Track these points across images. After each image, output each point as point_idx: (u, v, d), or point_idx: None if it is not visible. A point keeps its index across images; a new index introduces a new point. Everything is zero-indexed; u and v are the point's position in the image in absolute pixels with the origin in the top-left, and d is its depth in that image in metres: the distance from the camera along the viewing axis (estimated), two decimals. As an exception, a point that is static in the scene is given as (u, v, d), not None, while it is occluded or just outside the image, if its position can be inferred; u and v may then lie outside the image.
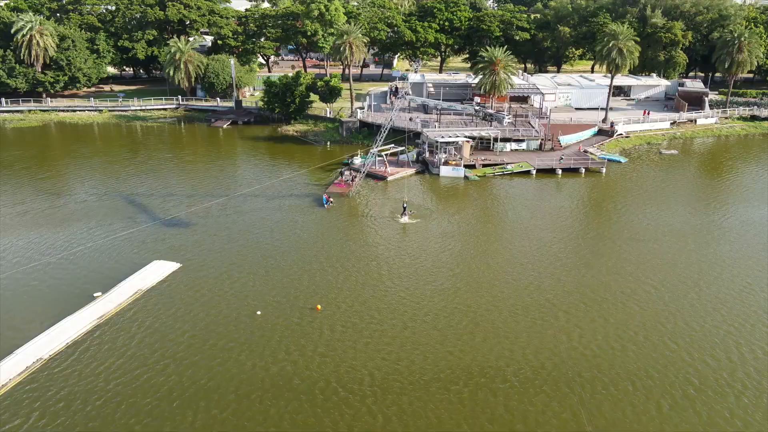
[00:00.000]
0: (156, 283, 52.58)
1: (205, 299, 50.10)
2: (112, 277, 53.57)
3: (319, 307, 49.13)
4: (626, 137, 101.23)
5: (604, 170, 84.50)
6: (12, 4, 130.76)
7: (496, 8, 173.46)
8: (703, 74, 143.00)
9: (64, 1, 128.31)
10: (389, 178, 79.95)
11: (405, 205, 67.01)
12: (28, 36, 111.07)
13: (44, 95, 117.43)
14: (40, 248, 59.16)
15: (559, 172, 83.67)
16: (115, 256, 57.61)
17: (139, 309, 48.64)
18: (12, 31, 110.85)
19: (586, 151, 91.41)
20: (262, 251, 58.87)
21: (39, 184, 77.86)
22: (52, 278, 53.36)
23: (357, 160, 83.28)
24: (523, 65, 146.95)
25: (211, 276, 54.01)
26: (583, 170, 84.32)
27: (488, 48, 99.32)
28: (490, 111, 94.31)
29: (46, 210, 68.95)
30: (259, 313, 48.30)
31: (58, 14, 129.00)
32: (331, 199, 70.80)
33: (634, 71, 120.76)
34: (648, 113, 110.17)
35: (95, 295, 50.52)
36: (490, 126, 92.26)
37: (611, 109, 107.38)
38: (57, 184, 78.34)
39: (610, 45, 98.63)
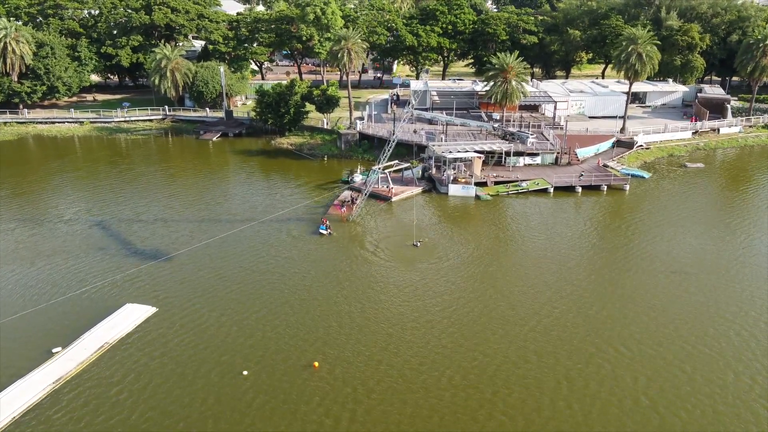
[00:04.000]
0: (126, 333, 45.03)
1: (182, 357, 42.50)
2: (77, 323, 46.19)
3: (316, 364, 41.67)
4: (647, 149, 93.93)
5: (627, 187, 77.21)
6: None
7: (495, 10, 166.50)
8: (719, 79, 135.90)
9: (43, 6, 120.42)
10: (394, 199, 72.40)
11: (416, 241, 59.99)
12: (3, 43, 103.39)
13: (21, 106, 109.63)
14: (-4, 289, 51.67)
15: (579, 189, 76.35)
16: (82, 297, 49.94)
17: (103, 368, 41.16)
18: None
19: (605, 166, 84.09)
20: (249, 291, 51.33)
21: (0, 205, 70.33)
22: (3, 330, 45.51)
23: (358, 178, 75.71)
24: (530, 71, 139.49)
25: (190, 323, 46.46)
26: (605, 187, 77.01)
27: (498, 54, 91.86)
28: (511, 129, 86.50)
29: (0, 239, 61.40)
30: (245, 373, 40.83)
31: (37, 19, 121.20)
32: (329, 225, 63.23)
33: (649, 76, 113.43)
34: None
35: (54, 350, 42.92)
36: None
37: (627, 117, 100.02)
38: (17, 205, 70.60)
39: (629, 49, 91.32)
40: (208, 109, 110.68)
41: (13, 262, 56.38)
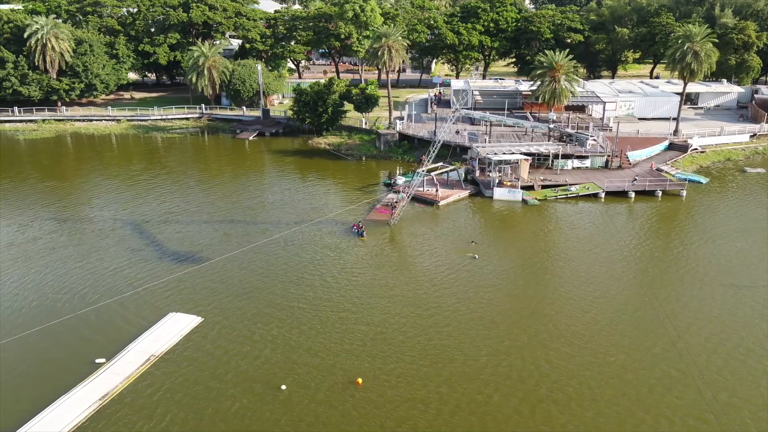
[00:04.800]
0: (171, 346, 42.30)
1: (225, 370, 39.86)
2: (119, 332, 43.90)
3: (360, 381, 38.82)
4: (702, 152, 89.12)
5: (684, 193, 72.87)
6: (30, 6, 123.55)
7: (533, 9, 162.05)
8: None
9: (83, 3, 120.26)
10: (441, 203, 69.15)
11: (474, 253, 56.57)
12: (43, 40, 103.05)
13: (59, 104, 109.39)
14: (29, 289, 49.87)
15: (632, 194, 72.25)
16: (123, 303, 47.59)
17: (150, 384, 38.52)
18: (25, 35, 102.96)
19: (659, 170, 79.68)
20: (291, 301, 48.60)
21: (37, 204, 69.01)
22: (43, 338, 43.39)
23: (401, 181, 72.69)
24: (579, 69, 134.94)
25: (233, 334, 43.80)
26: (660, 193, 72.76)
27: (545, 52, 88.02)
28: (568, 131, 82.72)
29: (40, 239, 59.77)
30: (283, 387, 38.21)
31: (77, 17, 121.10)
32: (364, 229, 60.48)
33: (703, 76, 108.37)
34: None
35: (97, 361, 40.63)
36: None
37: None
38: (52, 203, 69.23)
39: (685, 48, 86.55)
40: (244, 107, 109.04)
41: (48, 263, 54.78)
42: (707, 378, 39.00)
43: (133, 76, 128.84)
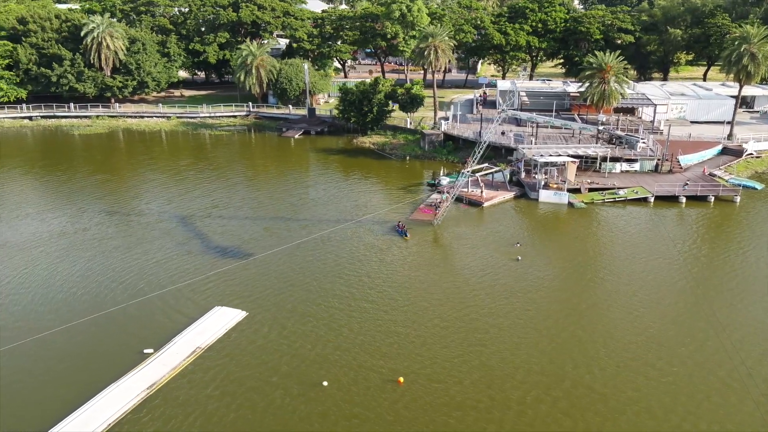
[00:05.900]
0: (217, 339, 43.10)
1: (268, 365, 40.38)
2: (166, 324, 44.97)
3: (401, 380, 38.71)
4: (757, 157, 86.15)
5: (738, 199, 70.54)
6: (87, 6, 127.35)
7: (582, 9, 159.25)
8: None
9: (137, 3, 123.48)
10: (486, 204, 68.55)
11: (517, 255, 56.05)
12: (99, 39, 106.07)
13: (112, 100, 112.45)
14: (78, 279, 51.35)
15: (683, 200, 70.30)
16: (170, 297, 48.60)
17: (195, 375, 39.33)
18: (82, 34, 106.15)
19: (712, 175, 77.33)
20: (334, 298, 48.87)
21: (88, 196, 71.03)
22: (93, 328, 44.53)
23: (445, 181, 72.33)
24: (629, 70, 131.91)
25: (276, 329, 44.33)
26: (712, 198, 70.62)
27: (595, 53, 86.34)
28: (618, 132, 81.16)
29: (89, 230, 61.51)
30: (325, 384, 38.38)
31: (130, 16, 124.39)
32: (407, 230, 60.32)
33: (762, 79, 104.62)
34: None
35: (146, 351, 41.65)
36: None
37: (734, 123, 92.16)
38: (101, 196, 71.17)
39: (741, 49, 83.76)
40: (291, 106, 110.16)
41: (96, 253, 56.34)
42: (764, 390, 37.63)
43: (183, 74, 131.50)
